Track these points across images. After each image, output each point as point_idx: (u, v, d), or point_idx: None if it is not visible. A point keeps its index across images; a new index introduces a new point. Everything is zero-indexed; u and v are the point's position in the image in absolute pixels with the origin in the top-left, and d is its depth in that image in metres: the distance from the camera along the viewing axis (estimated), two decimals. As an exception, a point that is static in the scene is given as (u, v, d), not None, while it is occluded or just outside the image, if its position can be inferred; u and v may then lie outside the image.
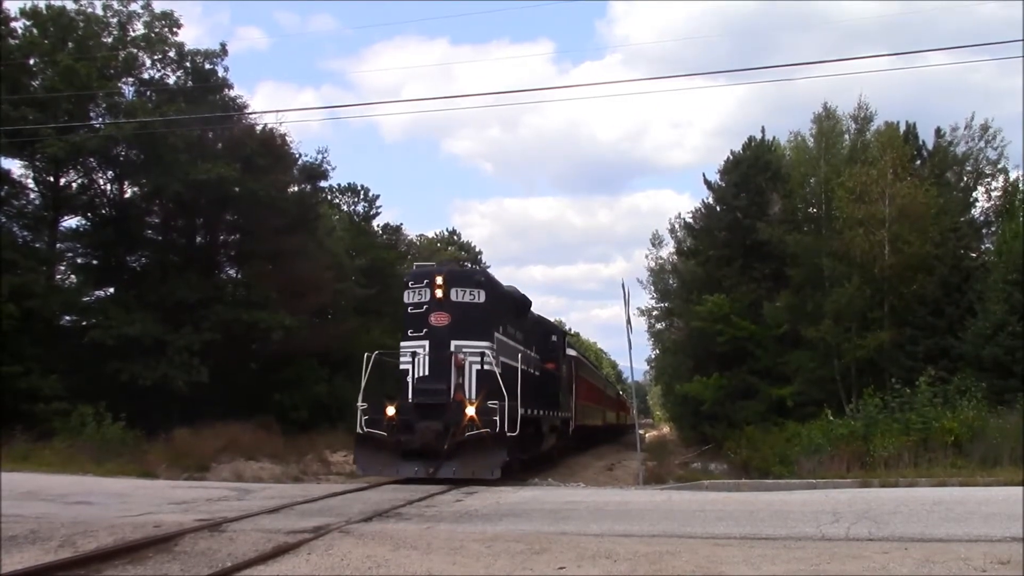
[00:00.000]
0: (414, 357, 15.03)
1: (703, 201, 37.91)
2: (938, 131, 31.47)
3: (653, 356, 54.41)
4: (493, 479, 13.58)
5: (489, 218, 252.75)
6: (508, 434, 13.87)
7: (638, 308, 45.84)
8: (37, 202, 28.02)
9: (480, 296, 15.28)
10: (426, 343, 15.00)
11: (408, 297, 15.47)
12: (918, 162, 29.65)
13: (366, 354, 15.35)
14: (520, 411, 14.63)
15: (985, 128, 30.44)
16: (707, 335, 31.99)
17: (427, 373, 14.83)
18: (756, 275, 31.96)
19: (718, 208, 35.71)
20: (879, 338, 25.06)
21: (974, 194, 31.10)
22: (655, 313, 45.81)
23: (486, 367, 14.78)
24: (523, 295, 19.06)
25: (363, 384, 15.01)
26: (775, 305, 29.59)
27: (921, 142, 31.33)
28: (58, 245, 28.35)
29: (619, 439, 43.38)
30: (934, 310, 25.30)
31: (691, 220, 39.39)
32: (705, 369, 32.90)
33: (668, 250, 44.46)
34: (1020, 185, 29.75)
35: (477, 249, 64.48)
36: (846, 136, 31.02)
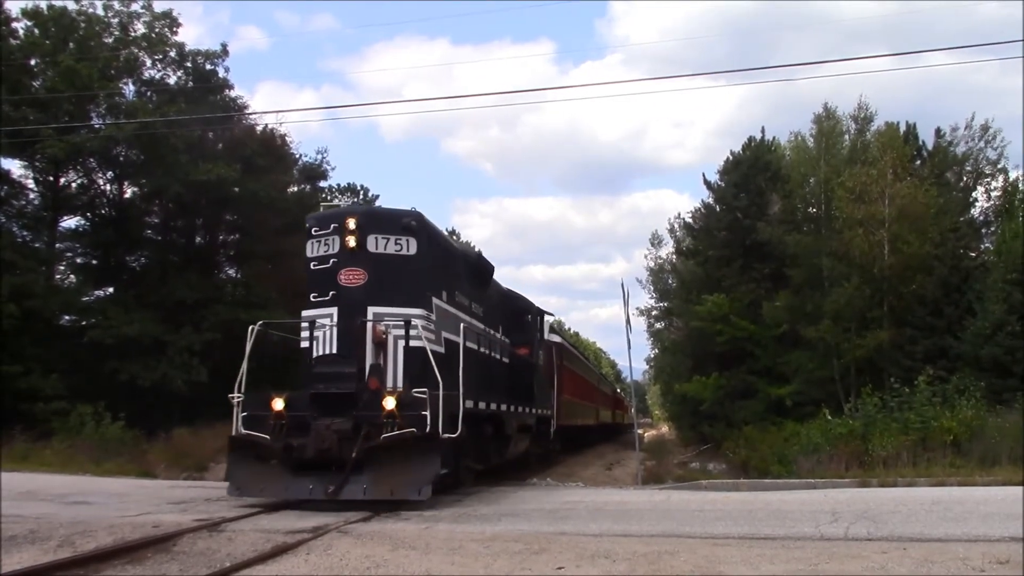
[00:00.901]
0: (318, 330, 11.10)
1: (703, 201, 38.00)
2: (938, 131, 31.54)
3: (652, 356, 54.52)
4: (420, 500, 9.67)
5: (490, 218, 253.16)
6: (446, 435, 9.90)
7: (637, 308, 45.97)
8: (37, 202, 28.10)
9: (410, 246, 11.20)
10: (334, 310, 11.05)
11: (311, 249, 11.47)
12: (918, 162, 29.67)
13: (250, 327, 11.19)
14: (467, 404, 10.85)
15: (985, 128, 30.52)
16: (706, 335, 32.00)
17: (334, 351, 10.94)
18: (756, 275, 31.96)
19: (718, 208, 35.71)
20: (878, 338, 25.07)
21: (974, 194, 31.17)
22: (654, 313, 45.92)
23: (415, 342, 10.65)
24: (483, 257, 14.83)
25: (244, 368, 10.84)
26: (774, 305, 29.58)
27: (921, 142, 31.37)
28: (58, 245, 28.42)
29: (617, 439, 43.27)
30: (933, 310, 25.32)
31: (691, 220, 39.49)
32: (704, 369, 32.91)
33: (668, 250, 44.61)
34: (1020, 185, 29.80)
35: (477, 249, 64.46)
36: (846, 136, 31.07)
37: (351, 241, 11.03)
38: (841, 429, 19.02)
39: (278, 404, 10.27)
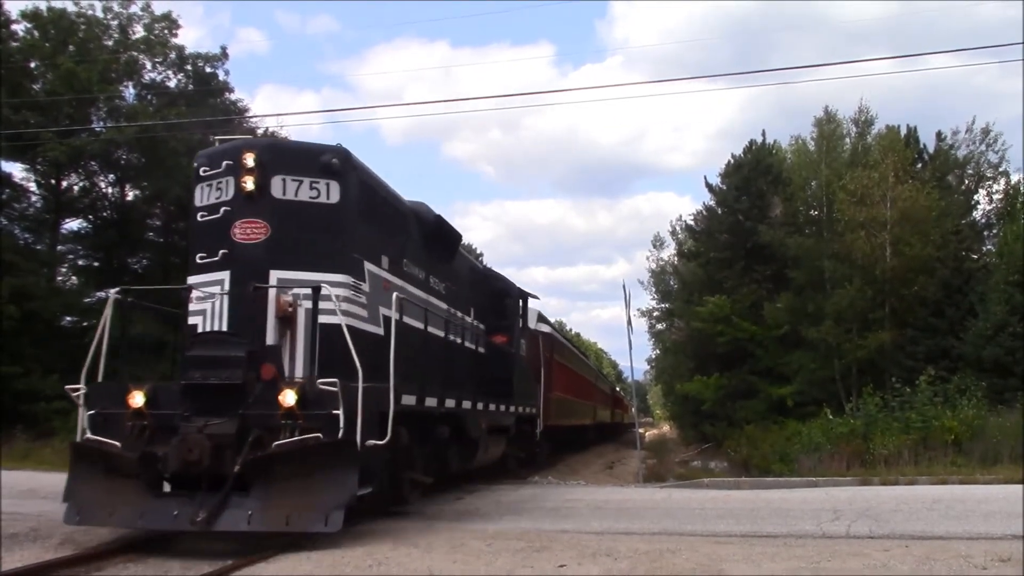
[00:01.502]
0: (204, 301, 8.59)
1: (704, 204, 38.07)
2: (939, 134, 31.66)
3: (653, 356, 54.57)
4: (329, 532, 7.01)
5: (491, 221, 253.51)
6: (371, 442, 7.45)
7: (639, 309, 46.04)
8: (39, 205, 28.10)
9: (331, 193, 8.56)
10: (225, 275, 8.43)
11: (200, 197, 8.81)
12: (919, 165, 29.72)
13: (108, 293, 8.74)
14: (405, 400, 8.45)
15: (986, 131, 30.65)
16: (708, 336, 32.02)
17: (223, 327, 8.34)
18: (757, 277, 32.00)
19: (719, 211, 35.75)
20: (880, 338, 25.08)
21: (975, 197, 31.23)
22: (656, 314, 45.97)
23: (326, 318, 7.90)
24: (445, 221, 11.66)
25: (92, 351, 8.28)
26: (776, 306, 29.62)
27: (922, 145, 31.44)
28: (59, 247, 28.41)
29: (617, 438, 43.19)
30: (935, 311, 25.36)
31: (692, 222, 39.52)
32: (706, 369, 32.93)
33: (669, 252, 44.66)
34: (1021, 188, 29.83)
35: (479, 251, 64.51)
36: (847, 139, 31.15)
37: (248, 183, 8.30)
38: (842, 428, 19.04)
39: (136, 399, 7.63)
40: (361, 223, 8.94)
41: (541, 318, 20.03)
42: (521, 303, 15.83)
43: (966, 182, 31.20)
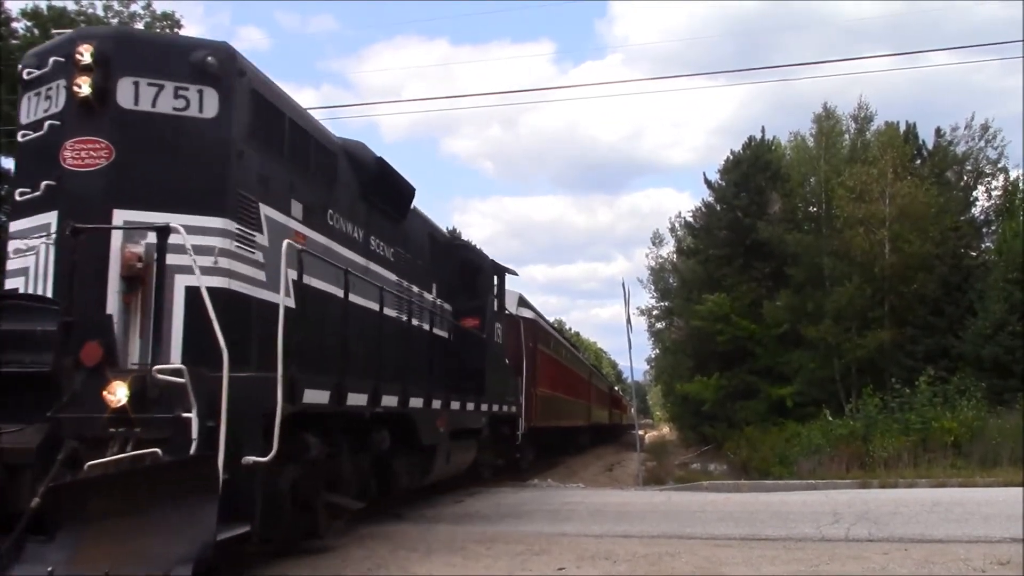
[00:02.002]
0: (24, 257, 6.08)
1: (703, 200, 38.15)
2: (938, 131, 31.65)
3: (653, 355, 54.58)
4: None
5: (490, 217, 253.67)
6: (248, 459, 5.25)
7: (638, 307, 45.98)
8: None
9: (205, 104, 6.07)
10: (51, 217, 5.92)
11: (26, 111, 6.28)
12: (918, 162, 29.76)
13: None
14: (308, 397, 6.14)
15: (985, 128, 30.63)
16: (707, 334, 32.07)
17: (47, 291, 5.87)
18: (756, 274, 32.06)
19: (718, 207, 35.81)
20: (879, 337, 25.11)
21: (974, 193, 31.26)
22: (655, 312, 45.97)
23: (197, 279, 5.35)
24: (390, 167, 9.02)
25: None
26: (775, 304, 29.66)
27: (921, 142, 31.48)
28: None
29: (616, 440, 43.01)
30: (934, 309, 25.39)
31: (691, 219, 39.56)
32: (705, 368, 32.99)
33: (668, 249, 44.65)
34: (1020, 184, 29.84)
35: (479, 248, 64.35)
36: (846, 136, 31.18)
37: (83, 86, 5.75)
38: (842, 430, 19.07)
39: None
40: (254, 151, 6.40)
41: (523, 302, 17.81)
42: (496, 279, 13.06)
43: (965, 178, 31.22)
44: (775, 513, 9.55)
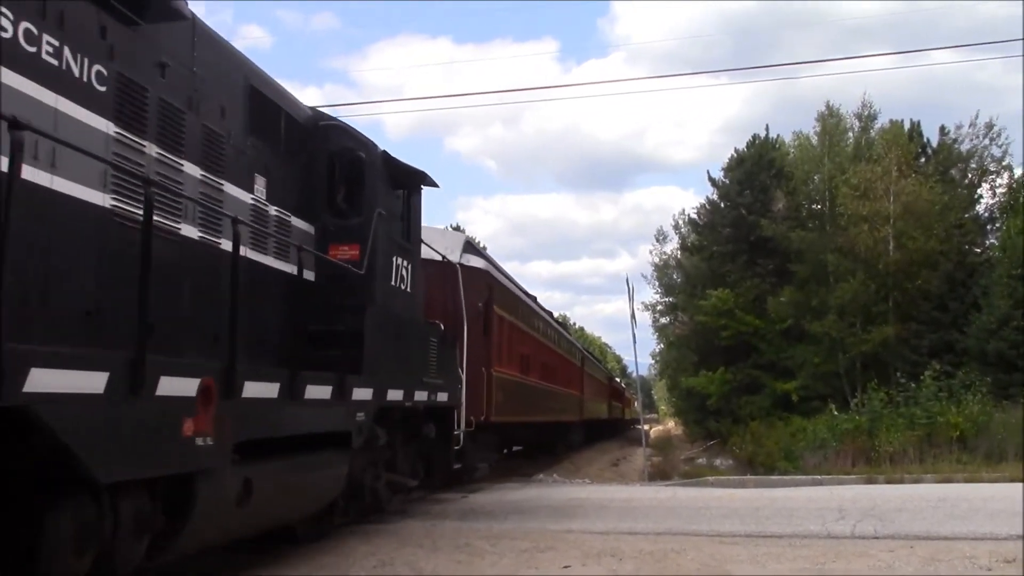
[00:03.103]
0: None
1: (707, 197, 38.06)
2: (942, 129, 31.64)
3: (658, 350, 54.47)
4: None
5: (493, 215, 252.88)
6: None
7: (643, 303, 45.82)
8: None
9: None
10: None
11: None
12: (922, 159, 29.71)
13: None
14: None
15: (990, 126, 30.55)
16: (711, 329, 32.07)
17: None
18: (760, 271, 32.06)
19: (722, 204, 35.77)
20: (884, 332, 25.09)
21: (978, 191, 31.18)
22: (659, 308, 45.88)
23: None
24: None
25: None
26: (779, 300, 29.65)
27: (926, 140, 31.43)
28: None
29: (619, 436, 42.83)
30: (939, 305, 25.37)
31: (696, 216, 39.50)
32: (709, 364, 32.98)
33: (673, 245, 44.51)
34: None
35: (482, 245, 64.42)
36: (850, 134, 31.12)
37: None
38: (847, 424, 19.05)
39: None
40: None
41: (471, 247, 13.34)
42: (395, 186, 8.30)
43: (969, 176, 31.14)
44: (780, 509, 9.53)
